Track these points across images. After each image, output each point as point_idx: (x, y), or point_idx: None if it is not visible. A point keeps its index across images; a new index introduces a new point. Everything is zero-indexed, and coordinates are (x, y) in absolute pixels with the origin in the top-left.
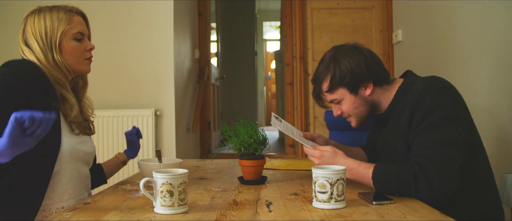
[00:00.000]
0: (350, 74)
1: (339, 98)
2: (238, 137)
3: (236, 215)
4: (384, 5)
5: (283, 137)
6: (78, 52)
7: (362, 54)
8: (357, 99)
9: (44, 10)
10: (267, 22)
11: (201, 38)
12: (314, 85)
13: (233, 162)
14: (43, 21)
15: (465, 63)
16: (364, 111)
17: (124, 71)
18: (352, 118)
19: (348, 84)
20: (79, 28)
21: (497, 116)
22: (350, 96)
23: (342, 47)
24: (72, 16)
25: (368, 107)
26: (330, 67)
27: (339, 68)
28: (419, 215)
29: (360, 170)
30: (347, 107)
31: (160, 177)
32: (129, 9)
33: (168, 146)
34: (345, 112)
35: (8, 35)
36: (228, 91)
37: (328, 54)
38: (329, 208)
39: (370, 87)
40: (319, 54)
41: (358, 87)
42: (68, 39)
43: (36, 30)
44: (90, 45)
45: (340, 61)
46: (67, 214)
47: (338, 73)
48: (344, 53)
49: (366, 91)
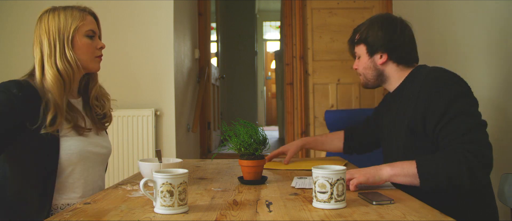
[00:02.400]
0: (373, 37)
1: (358, 54)
2: (238, 137)
3: (236, 215)
4: (384, 5)
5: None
6: (90, 49)
7: (397, 27)
8: (369, 62)
9: (58, 9)
10: (267, 22)
11: (201, 38)
12: (352, 33)
13: (233, 162)
14: (57, 18)
15: (465, 62)
16: (370, 74)
17: (124, 71)
18: (361, 76)
19: (367, 44)
20: (91, 26)
21: (497, 116)
22: (365, 56)
23: (388, 16)
24: (85, 15)
25: (376, 74)
26: (367, 24)
27: (371, 29)
28: (419, 215)
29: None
30: (361, 64)
31: (160, 177)
32: (129, 9)
33: (168, 146)
34: (359, 68)
35: (8, 35)
36: (228, 91)
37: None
38: (329, 208)
39: (384, 58)
40: (319, 54)
41: (374, 52)
42: (81, 35)
43: (49, 28)
44: (101, 44)
45: (375, 24)
46: (67, 214)
47: (367, 31)
48: (383, 19)
49: (380, 60)
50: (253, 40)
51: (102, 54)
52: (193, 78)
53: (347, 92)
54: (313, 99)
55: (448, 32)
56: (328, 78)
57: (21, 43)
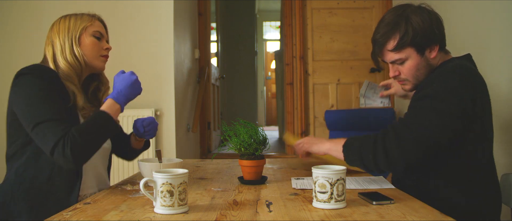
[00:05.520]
0: (422, 33)
1: (404, 58)
2: (238, 137)
3: (236, 215)
4: (384, 5)
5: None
6: (95, 48)
7: (431, 14)
8: (421, 61)
9: (70, 15)
10: (267, 22)
11: (201, 38)
12: (375, 45)
13: (233, 162)
14: (67, 22)
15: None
16: (423, 74)
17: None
18: (407, 81)
19: (417, 43)
20: (99, 28)
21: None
22: (416, 57)
23: (409, 6)
24: (94, 19)
25: (428, 70)
26: (401, 25)
27: (411, 26)
28: (419, 215)
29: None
30: (409, 68)
31: (160, 177)
32: (129, 9)
33: (168, 146)
34: (404, 74)
35: (8, 35)
36: (228, 91)
37: (393, 13)
38: (329, 208)
39: (436, 50)
40: (319, 54)
41: (425, 48)
42: (88, 34)
43: (60, 29)
44: (107, 45)
45: (411, 18)
46: (67, 214)
47: (410, 31)
48: (415, 11)
49: (431, 54)
50: (253, 40)
51: (108, 54)
52: (193, 78)
53: (347, 92)
54: (313, 99)
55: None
56: (328, 78)
57: (21, 43)
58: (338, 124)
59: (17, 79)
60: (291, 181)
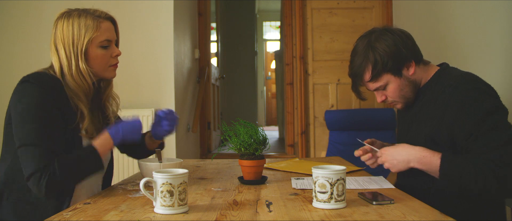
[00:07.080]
0: (391, 57)
1: (384, 84)
2: (238, 137)
3: (236, 215)
4: (384, 5)
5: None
6: (104, 60)
7: (395, 34)
8: (402, 81)
9: (73, 15)
10: (267, 22)
11: (201, 38)
12: (353, 79)
13: (233, 162)
14: (71, 28)
15: (466, 63)
16: (409, 91)
17: (124, 71)
18: (397, 102)
19: (391, 68)
20: (106, 35)
21: None
22: (395, 80)
23: (373, 33)
24: (100, 22)
25: (412, 87)
26: (369, 55)
27: (379, 55)
28: (419, 215)
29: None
30: (392, 91)
31: (160, 177)
32: (129, 9)
33: (168, 146)
34: (390, 97)
35: (8, 35)
36: (228, 91)
37: (361, 44)
38: (329, 208)
39: (412, 66)
40: (319, 54)
41: (401, 69)
42: (94, 47)
43: (64, 36)
44: (116, 52)
45: (376, 47)
46: (67, 214)
47: (379, 59)
48: (378, 38)
49: (409, 71)
50: (253, 40)
51: (117, 61)
52: (193, 78)
53: (347, 92)
54: (313, 100)
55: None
56: (328, 78)
57: (22, 43)
58: (338, 124)
59: (21, 86)
60: (291, 181)
